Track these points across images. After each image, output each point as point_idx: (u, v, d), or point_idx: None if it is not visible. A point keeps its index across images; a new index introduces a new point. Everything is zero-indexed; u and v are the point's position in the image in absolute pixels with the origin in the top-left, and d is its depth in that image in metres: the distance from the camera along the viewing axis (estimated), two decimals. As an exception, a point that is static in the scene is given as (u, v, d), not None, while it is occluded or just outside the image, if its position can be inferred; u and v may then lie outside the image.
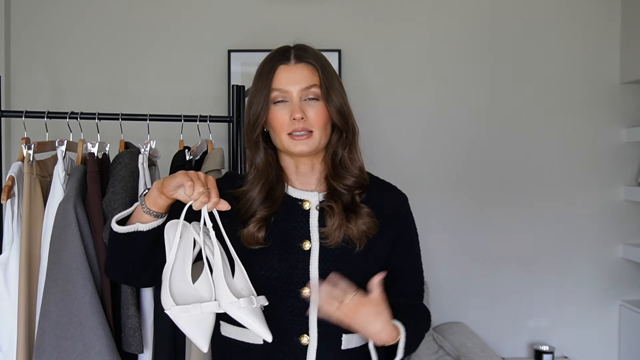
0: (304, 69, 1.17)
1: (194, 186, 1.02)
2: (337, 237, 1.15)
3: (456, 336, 2.36)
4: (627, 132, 2.58)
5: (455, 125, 2.56)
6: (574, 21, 2.58)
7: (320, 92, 1.16)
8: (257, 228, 1.14)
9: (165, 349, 1.51)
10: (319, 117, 1.16)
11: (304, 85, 1.16)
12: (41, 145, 1.55)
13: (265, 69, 1.19)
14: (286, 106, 1.16)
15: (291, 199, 1.20)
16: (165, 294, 1.06)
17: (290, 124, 1.15)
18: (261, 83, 1.18)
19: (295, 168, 1.23)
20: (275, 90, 1.16)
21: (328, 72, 1.19)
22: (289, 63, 1.18)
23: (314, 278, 1.15)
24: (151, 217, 1.11)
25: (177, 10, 2.51)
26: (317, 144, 1.16)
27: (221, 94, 2.49)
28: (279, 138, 1.17)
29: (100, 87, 2.47)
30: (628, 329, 2.56)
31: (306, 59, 1.18)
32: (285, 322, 1.15)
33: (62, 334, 1.34)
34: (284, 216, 1.17)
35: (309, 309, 1.14)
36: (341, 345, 1.17)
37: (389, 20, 2.54)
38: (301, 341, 1.14)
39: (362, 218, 1.17)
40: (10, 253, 1.50)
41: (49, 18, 2.47)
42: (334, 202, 1.17)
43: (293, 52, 1.19)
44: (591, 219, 2.59)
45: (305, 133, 1.15)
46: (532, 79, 2.57)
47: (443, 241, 2.54)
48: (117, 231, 1.11)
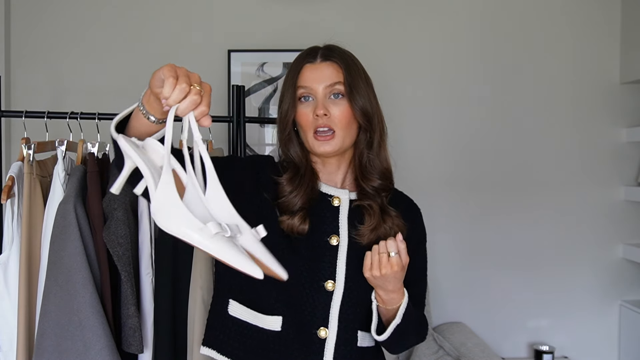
0: (329, 67, 1.18)
1: (176, 83, 0.81)
2: (371, 237, 1.17)
3: (456, 336, 2.36)
4: (627, 132, 2.58)
5: (454, 126, 2.56)
6: (574, 21, 2.58)
7: (344, 90, 1.17)
8: (302, 221, 1.15)
9: (165, 349, 1.51)
10: (342, 114, 1.16)
11: (327, 82, 1.16)
12: (41, 145, 1.55)
13: (293, 68, 1.21)
14: (311, 104, 1.17)
15: (321, 194, 1.21)
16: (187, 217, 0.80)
17: (313, 120, 1.15)
18: (288, 82, 1.20)
19: (323, 164, 1.23)
20: (300, 87, 1.17)
21: (353, 71, 1.19)
22: (314, 62, 1.19)
23: (340, 273, 1.16)
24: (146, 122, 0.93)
25: (177, 10, 2.51)
26: (340, 144, 1.17)
27: (221, 94, 2.49)
28: (305, 137, 1.18)
29: (100, 87, 2.47)
30: (628, 329, 2.56)
31: (332, 57, 1.19)
32: (306, 313, 1.16)
33: (62, 334, 1.34)
34: (313, 210, 1.18)
35: (332, 301, 1.16)
36: (357, 342, 1.19)
37: (389, 21, 2.54)
38: (319, 334, 1.15)
39: (395, 220, 1.19)
40: (10, 253, 1.49)
41: (49, 18, 2.47)
42: (373, 202, 1.19)
43: (320, 52, 1.21)
44: (591, 219, 2.59)
45: (329, 133, 1.15)
46: (531, 79, 2.57)
47: (443, 241, 2.53)
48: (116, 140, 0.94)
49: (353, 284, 1.17)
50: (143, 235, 1.52)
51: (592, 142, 2.59)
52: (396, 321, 1.15)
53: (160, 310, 1.51)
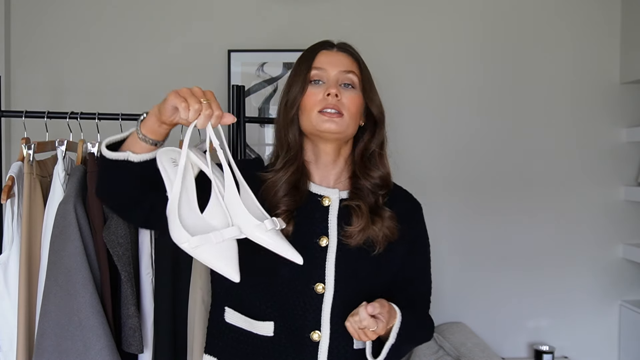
0: (345, 56, 1.19)
1: (188, 106, 0.93)
2: (360, 237, 1.15)
3: (456, 336, 2.36)
4: (627, 132, 2.58)
5: (454, 126, 2.56)
6: (574, 21, 2.58)
7: (359, 82, 1.18)
8: (286, 222, 1.12)
9: (165, 349, 1.51)
10: (352, 102, 1.16)
11: (342, 68, 1.17)
12: (41, 145, 1.55)
13: (306, 54, 1.20)
14: (321, 86, 1.16)
15: (310, 194, 1.18)
16: (176, 228, 0.94)
17: (323, 99, 1.14)
18: (301, 66, 1.18)
19: (316, 159, 1.21)
20: (314, 68, 1.16)
21: (365, 69, 1.21)
22: (331, 50, 1.20)
23: (329, 275, 1.14)
24: (146, 146, 1.03)
25: (177, 10, 2.51)
26: (345, 127, 1.15)
27: (221, 94, 2.48)
28: (309, 117, 1.15)
29: (100, 87, 2.47)
30: (628, 329, 2.56)
31: (348, 49, 1.21)
32: (298, 317, 1.13)
33: (62, 334, 1.34)
34: (302, 211, 1.15)
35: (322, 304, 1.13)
36: (353, 344, 1.16)
37: (389, 21, 2.54)
38: (312, 337, 1.13)
39: (386, 221, 1.16)
40: (10, 253, 1.49)
41: (49, 18, 2.47)
42: (362, 202, 1.16)
43: (336, 43, 1.22)
44: (591, 219, 2.59)
45: (336, 112, 1.14)
46: (531, 79, 2.57)
47: (442, 241, 2.53)
48: (106, 156, 1.05)
49: (343, 286, 1.14)
50: (143, 236, 1.52)
51: (592, 142, 2.59)
52: (390, 342, 1.11)
53: (160, 310, 1.51)
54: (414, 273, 1.23)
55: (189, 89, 0.95)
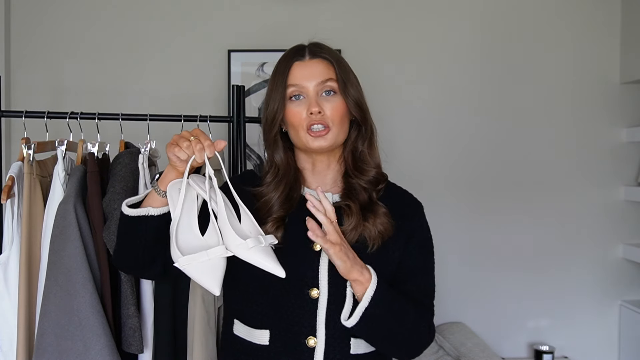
0: (319, 64, 1.17)
1: (181, 149, 1.04)
2: (352, 237, 1.14)
3: (456, 336, 2.36)
4: (627, 132, 2.58)
5: (454, 126, 2.56)
6: (574, 21, 2.58)
7: (337, 85, 1.16)
8: (274, 228, 1.13)
9: (165, 349, 1.51)
10: (335, 111, 1.15)
11: (319, 79, 1.16)
12: (41, 145, 1.55)
13: (281, 67, 1.19)
14: (302, 102, 1.16)
15: (303, 199, 1.17)
16: (172, 248, 1.06)
17: (307, 118, 1.14)
18: (277, 81, 1.18)
19: (312, 167, 1.22)
20: (291, 86, 1.16)
21: (343, 66, 1.19)
22: (303, 59, 1.18)
23: (323, 279, 1.13)
24: (165, 200, 1.11)
25: (177, 10, 2.51)
26: (334, 139, 1.16)
27: (221, 94, 2.49)
28: (297, 135, 1.17)
29: (100, 87, 2.47)
30: (628, 329, 2.56)
31: (321, 54, 1.19)
32: (293, 323, 1.13)
33: (62, 334, 1.34)
34: (297, 216, 1.15)
35: (317, 309, 1.13)
36: (350, 349, 1.15)
37: (388, 21, 2.54)
38: (308, 343, 1.12)
39: (380, 218, 1.16)
40: (10, 253, 1.49)
41: (49, 18, 2.47)
42: (351, 202, 1.16)
43: (308, 49, 1.20)
44: (591, 219, 2.59)
45: (323, 128, 1.14)
46: (531, 79, 2.57)
47: (442, 241, 2.52)
48: (128, 214, 1.11)
49: (337, 290, 1.13)
50: (143, 235, 1.52)
51: (592, 142, 2.59)
52: (363, 303, 1.07)
53: (160, 310, 1.51)
54: (413, 268, 1.22)
55: (176, 135, 1.07)
